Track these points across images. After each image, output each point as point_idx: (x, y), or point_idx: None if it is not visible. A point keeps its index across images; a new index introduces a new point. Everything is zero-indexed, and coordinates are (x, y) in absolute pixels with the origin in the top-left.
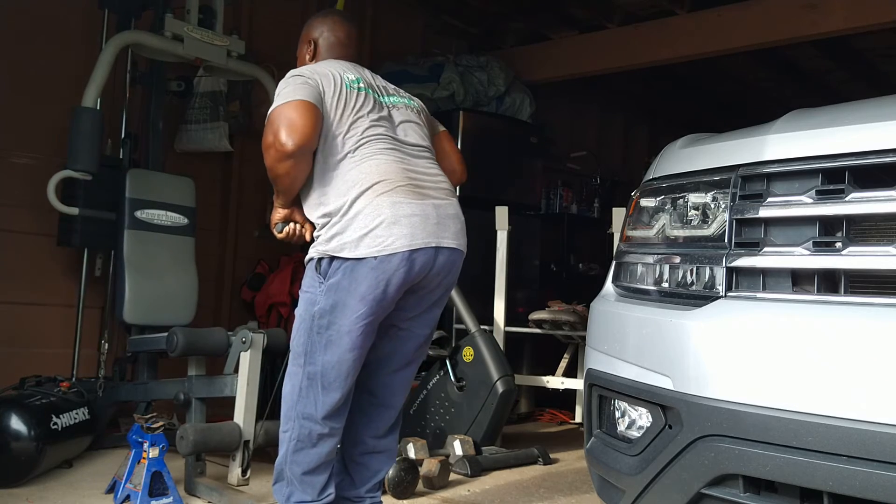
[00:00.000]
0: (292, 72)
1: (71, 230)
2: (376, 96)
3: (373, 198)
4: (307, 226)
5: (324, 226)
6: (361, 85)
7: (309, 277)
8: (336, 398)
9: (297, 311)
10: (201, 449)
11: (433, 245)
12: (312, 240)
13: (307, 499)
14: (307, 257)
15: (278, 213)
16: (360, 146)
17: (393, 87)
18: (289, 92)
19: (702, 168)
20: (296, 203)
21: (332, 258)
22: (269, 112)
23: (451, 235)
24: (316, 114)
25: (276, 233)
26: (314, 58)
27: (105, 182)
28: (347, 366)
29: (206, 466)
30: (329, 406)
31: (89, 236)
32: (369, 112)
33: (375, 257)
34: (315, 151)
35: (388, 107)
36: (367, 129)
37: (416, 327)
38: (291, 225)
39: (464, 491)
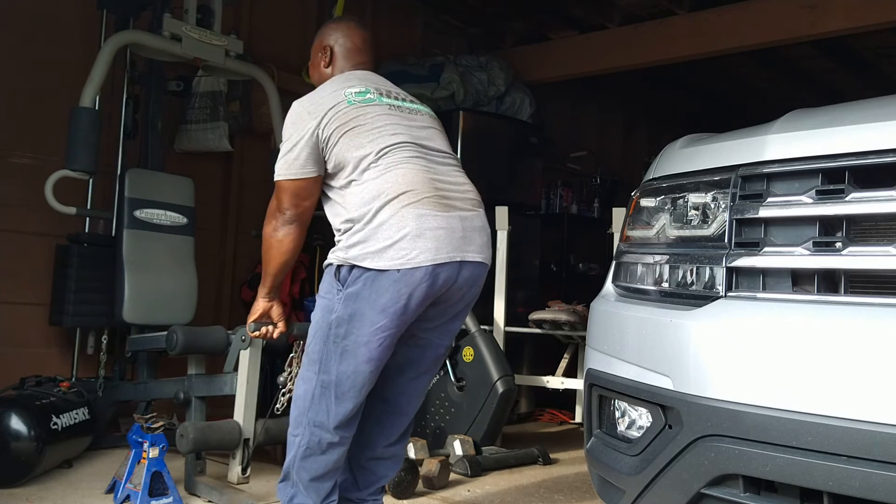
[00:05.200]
0: (294, 111)
1: (62, 311)
2: (392, 101)
3: (398, 208)
4: (281, 325)
5: (345, 231)
6: (370, 95)
7: (327, 283)
8: (349, 408)
9: (314, 317)
10: (201, 447)
11: (458, 259)
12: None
13: (310, 503)
14: (326, 262)
15: (258, 307)
16: (383, 155)
17: (411, 96)
18: (291, 160)
19: (702, 168)
20: (278, 295)
21: (353, 266)
22: (275, 178)
23: (476, 249)
24: (317, 186)
25: (248, 331)
26: (330, 64)
27: (95, 262)
28: (363, 377)
29: (206, 465)
30: (341, 416)
31: (81, 316)
32: (385, 120)
33: (398, 270)
34: (335, 172)
35: (407, 111)
36: (388, 136)
37: (436, 338)
38: (265, 328)
39: (464, 491)
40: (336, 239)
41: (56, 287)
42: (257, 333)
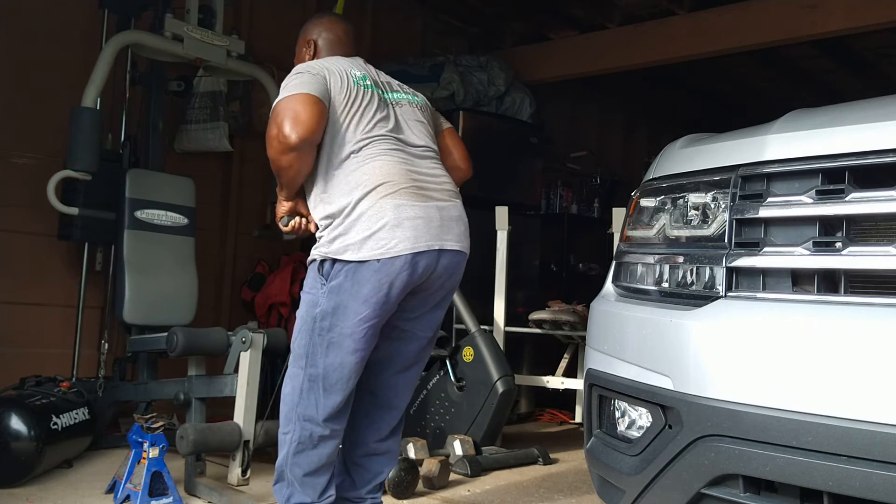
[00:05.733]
0: (300, 66)
1: (71, 224)
2: (381, 93)
3: (376, 200)
4: (311, 218)
5: (326, 226)
6: (367, 82)
7: (311, 278)
8: (337, 401)
9: (299, 313)
10: (201, 449)
11: (436, 248)
12: (314, 237)
13: (307, 500)
14: (309, 258)
15: (283, 206)
16: (364, 146)
17: (397, 83)
18: (295, 85)
19: (702, 168)
20: (300, 195)
21: (335, 260)
22: (273, 103)
23: (455, 238)
24: (321, 108)
25: (281, 226)
26: (314, 57)
27: (105, 178)
28: (349, 368)
29: (206, 466)
30: (330, 408)
31: (89, 231)
32: (374, 111)
33: (378, 260)
34: (319, 149)
35: (392, 104)
36: (372, 128)
37: (418, 329)
38: (297, 219)
39: (464, 491)
40: (318, 235)
41: (64, 202)
42: (290, 225)
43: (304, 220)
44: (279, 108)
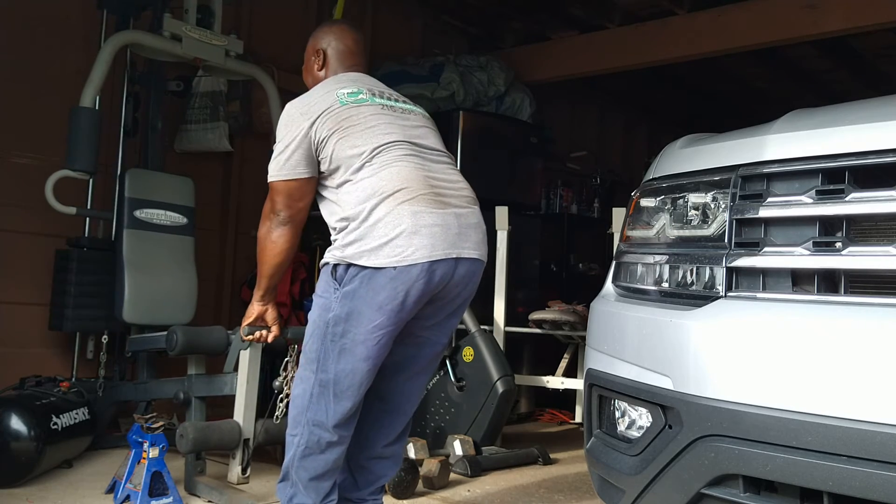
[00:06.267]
0: (287, 114)
1: (62, 316)
2: (384, 101)
3: (394, 206)
4: (275, 328)
5: (341, 230)
6: (363, 95)
7: (323, 282)
8: (348, 407)
9: (311, 316)
10: (201, 447)
11: (453, 256)
12: (328, 239)
13: (310, 502)
14: (322, 261)
15: (254, 309)
16: (377, 153)
17: (404, 97)
18: (286, 158)
19: (702, 168)
20: (273, 297)
21: (350, 265)
22: (268, 179)
23: (472, 245)
24: (310, 187)
25: (242, 335)
26: (323, 67)
27: (96, 261)
28: (361, 375)
29: (206, 465)
30: (340, 415)
31: (81, 322)
32: (378, 121)
33: (395, 267)
34: (329, 169)
35: (399, 111)
36: (382, 135)
37: (434, 335)
38: (259, 332)
39: (464, 491)
40: (332, 238)
41: (56, 291)
42: (251, 337)
43: (266, 332)
44: (273, 191)
